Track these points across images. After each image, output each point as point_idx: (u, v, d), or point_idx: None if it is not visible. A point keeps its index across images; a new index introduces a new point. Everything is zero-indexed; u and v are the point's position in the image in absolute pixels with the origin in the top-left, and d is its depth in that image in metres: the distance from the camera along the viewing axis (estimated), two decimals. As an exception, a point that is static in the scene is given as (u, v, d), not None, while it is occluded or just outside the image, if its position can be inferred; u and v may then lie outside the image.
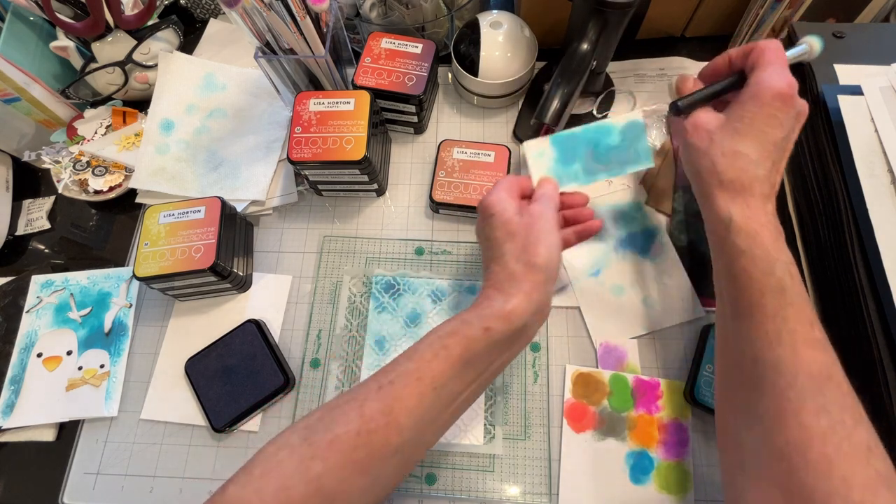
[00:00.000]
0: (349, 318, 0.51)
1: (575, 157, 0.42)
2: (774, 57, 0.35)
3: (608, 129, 0.42)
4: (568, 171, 0.42)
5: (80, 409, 0.48)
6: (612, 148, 0.42)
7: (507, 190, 0.40)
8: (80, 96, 0.61)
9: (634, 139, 0.42)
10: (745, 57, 0.37)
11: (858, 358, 0.38)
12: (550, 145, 0.42)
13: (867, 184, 0.39)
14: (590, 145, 0.42)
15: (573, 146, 0.42)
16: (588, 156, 0.42)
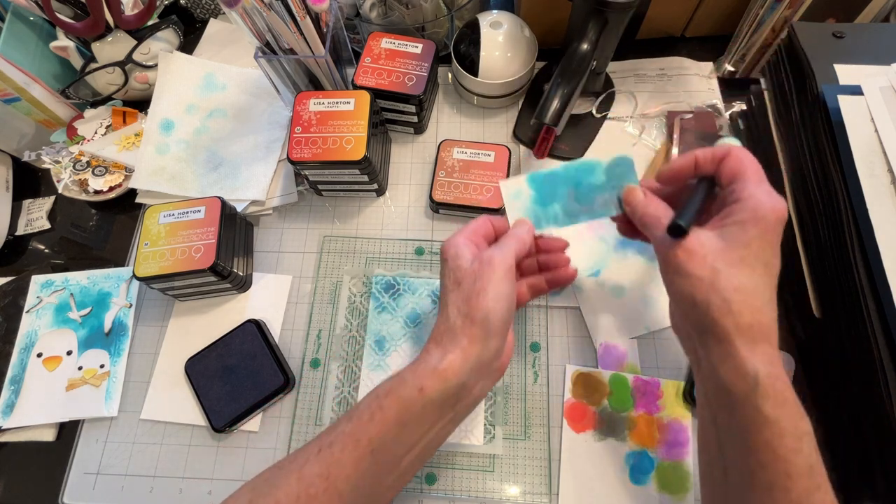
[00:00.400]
0: (349, 318, 0.51)
1: (554, 197, 0.39)
2: (758, 170, 0.33)
3: (591, 168, 0.38)
4: (546, 212, 0.39)
5: (80, 409, 0.48)
6: (596, 188, 0.38)
7: (469, 234, 0.37)
8: (80, 96, 0.61)
9: (621, 177, 0.38)
10: (717, 163, 0.34)
11: (858, 358, 0.38)
12: (528, 184, 0.39)
13: (867, 184, 0.39)
14: (571, 184, 0.38)
15: (553, 186, 0.39)
16: (569, 196, 0.38)
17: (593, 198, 0.38)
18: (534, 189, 0.39)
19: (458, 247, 0.36)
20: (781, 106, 0.50)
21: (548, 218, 0.39)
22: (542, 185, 0.39)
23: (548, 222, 0.39)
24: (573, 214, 0.39)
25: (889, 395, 0.35)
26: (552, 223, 0.39)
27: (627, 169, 0.38)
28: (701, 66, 0.62)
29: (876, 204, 0.39)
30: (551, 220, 0.39)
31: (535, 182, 0.39)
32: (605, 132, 0.59)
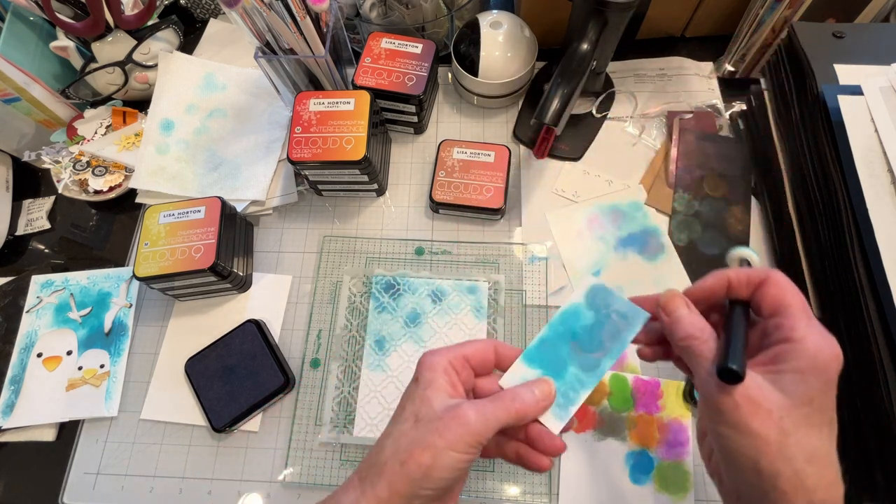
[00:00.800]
0: (349, 318, 0.51)
1: (562, 362, 0.33)
2: (803, 301, 0.27)
3: (574, 312, 0.34)
4: (567, 382, 0.32)
5: (80, 409, 0.48)
6: (593, 326, 0.33)
7: (458, 358, 0.30)
8: (80, 96, 0.61)
9: (607, 303, 0.34)
10: (753, 287, 0.29)
11: (858, 358, 0.38)
12: (527, 366, 0.32)
13: (867, 184, 0.39)
14: (568, 339, 0.33)
15: (552, 351, 0.33)
16: (575, 351, 0.33)
17: (600, 339, 0.33)
18: (538, 366, 0.33)
19: (435, 374, 0.29)
20: (781, 106, 0.50)
21: (573, 387, 0.32)
22: (542, 358, 0.33)
23: (576, 391, 0.32)
24: (593, 367, 0.33)
25: (889, 395, 0.35)
26: (581, 389, 0.32)
27: (604, 293, 0.34)
28: (701, 66, 0.62)
29: (876, 204, 0.39)
30: (577, 386, 0.32)
31: (533, 359, 0.33)
32: (605, 132, 0.59)
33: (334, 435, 0.46)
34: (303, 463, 0.46)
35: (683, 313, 0.30)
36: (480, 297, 0.51)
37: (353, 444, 0.46)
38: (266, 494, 0.45)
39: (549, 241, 0.53)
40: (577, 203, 0.55)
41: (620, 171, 0.56)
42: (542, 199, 0.56)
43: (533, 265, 0.52)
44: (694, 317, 0.29)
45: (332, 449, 0.46)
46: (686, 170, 0.55)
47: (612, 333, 0.33)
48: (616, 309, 0.34)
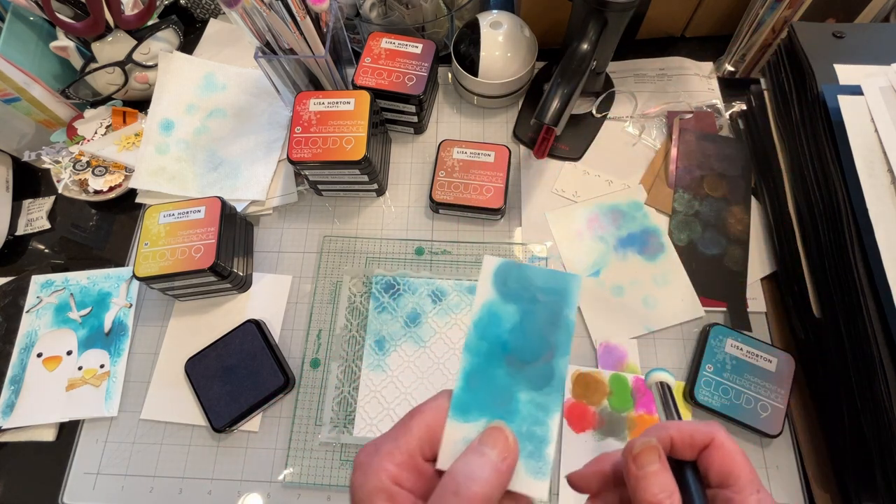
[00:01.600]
0: (349, 318, 0.51)
1: (506, 391, 0.23)
2: (752, 471, 0.24)
3: (490, 315, 0.25)
4: (523, 416, 0.23)
5: (80, 409, 0.48)
6: (522, 322, 0.25)
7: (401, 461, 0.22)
8: (80, 96, 0.61)
9: (525, 283, 0.25)
10: (697, 450, 0.25)
11: (858, 358, 0.38)
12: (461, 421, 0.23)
13: (867, 184, 0.39)
14: (500, 356, 0.24)
15: (487, 384, 0.24)
16: (515, 368, 0.24)
17: (539, 335, 0.25)
18: (477, 414, 0.23)
19: (373, 497, 0.21)
20: (781, 106, 0.50)
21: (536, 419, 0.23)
22: (478, 399, 0.23)
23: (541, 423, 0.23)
24: (547, 378, 0.24)
25: (889, 395, 0.35)
26: (546, 416, 0.23)
27: (518, 272, 0.25)
28: (701, 66, 0.62)
29: (876, 204, 0.39)
30: (540, 415, 0.23)
31: (467, 407, 0.23)
32: (605, 132, 0.59)
33: (334, 435, 0.46)
34: (303, 463, 0.46)
35: (655, 469, 0.24)
36: (480, 297, 0.51)
37: (353, 444, 0.46)
38: (266, 494, 0.45)
39: (549, 240, 0.53)
40: (576, 203, 0.55)
41: (620, 171, 0.56)
42: (541, 198, 0.56)
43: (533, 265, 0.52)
44: (665, 475, 0.24)
45: (332, 449, 0.46)
46: (686, 170, 0.55)
47: (549, 321, 0.25)
48: (540, 286, 0.25)
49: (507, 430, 0.22)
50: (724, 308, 0.49)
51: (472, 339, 0.24)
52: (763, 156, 0.53)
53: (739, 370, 0.45)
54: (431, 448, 0.22)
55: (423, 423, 0.22)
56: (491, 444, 0.21)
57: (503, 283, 0.25)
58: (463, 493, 0.19)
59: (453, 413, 0.23)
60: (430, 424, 0.22)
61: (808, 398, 0.46)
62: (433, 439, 0.22)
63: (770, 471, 0.44)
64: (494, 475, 0.20)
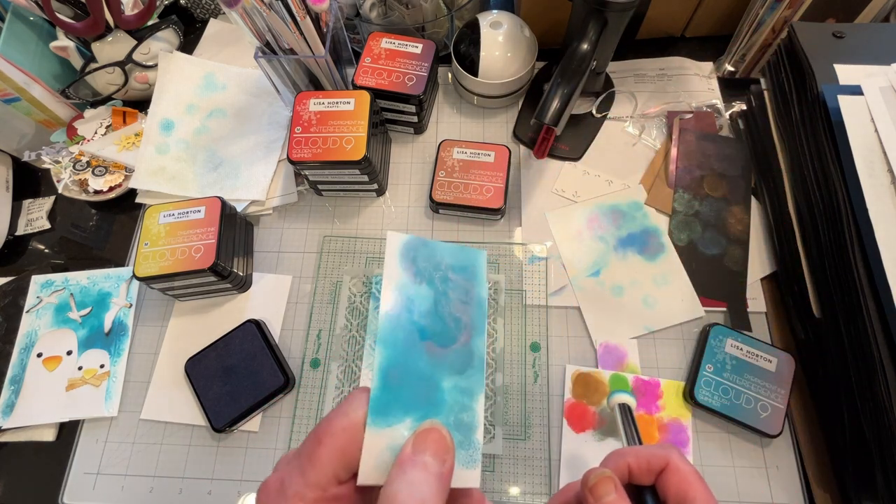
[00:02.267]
0: (349, 318, 0.51)
1: (429, 382, 0.21)
2: (706, 490, 0.24)
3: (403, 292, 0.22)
4: (449, 406, 0.21)
5: (80, 409, 0.48)
6: (437, 304, 0.23)
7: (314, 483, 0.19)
8: (80, 96, 0.61)
9: (433, 261, 0.23)
10: (654, 474, 0.25)
11: (858, 358, 0.38)
12: (383, 427, 0.20)
13: (867, 184, 0.39)
14: (417, 342, 0.22)
15: (407, 377, 0.21)
16: (434, 354, 0.22)
17: (454, 315, 0.23)
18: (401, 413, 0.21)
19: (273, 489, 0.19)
20: (781, 106, 0.50)
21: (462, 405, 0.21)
22: (401, 396, 0.21)
23: (467, 408, 0.21)
24: (467, 360, 0.22)
25: (889, 395, 0.35)
26: (471, 400, 0.22)
27: (426, 249, 0.23)
28: (701, 66, 0.62)
29: (876, 204, 0.39)
30: (466, 400, 0.22)
31: (389, 407, 0.20)
32: (605, 132, 0.59)
33: (334, 435, 0.46)
34: (303, 463, 0.46)
35: (611, 499, 0.23)
36: (480, 297, 0.51)
37: (353, 444, 0.46)
38: (266, 494, 0.45)
39: (549, 240, 0.53)
40: (576, 203, 0.55)
41: (620, 171, 0.56)
42: (541, 198, 0.56)
43: (533, 265, 0.52)
44: (620, 498, 0.23)
45: (332, 449, 0.46)
46: (686, 170, 0.55)
47: (462, 300, 0.23)
48: (450, 264, 0.23)
49: (442, 429, 0.20)
50: (724, 308, 0.49)
51: (384, 327, 0.22)
52: (763, 156, 0.53)
53: (739, 370, 0.45)
54: (347, 470, 0.19)
55: (333, 449, 0.19)
56: (430, 451, 0.19)
57: (412, 261, 0.23)
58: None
59: (373, 419, 0.20)
60: (343, 446, 0.19)
61: (808, 398, 0.46)
62: (349, 460, 0.19)
63: (770, 471, 0.44)
64: (440, 485, 0.18)
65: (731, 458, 0.45)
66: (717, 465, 0.44)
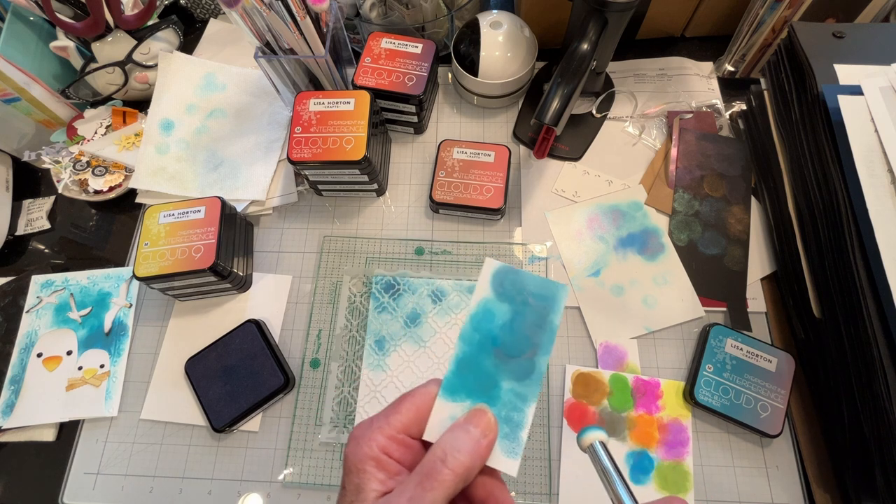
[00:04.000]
0: (349, 318, 0.51)
1: (490, 379, 0.26)
2: None
3: (486, 311, 0.27)
4: (504, 402, 0.26)
5: (80, 409, 0.48)
6: (513, 321, 0.27)
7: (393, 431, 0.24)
8: (80, 96, 0.61)
9: (518, 287, 0.27)
10: None
11: (858, 358, 0.38)
12: (449, 400, 0.26)
13: (867, 184, 0.39)
14: (489, 347, 0.27)
15: (475, 370, 0.26)
16: (501, 360, 0.26)
17: (525, 334, 0.27)
18: (464, 395, 0.26)
19: (363, 479, 0.23)
20: (781, 106, 0.50)
21: (514, 406, 0.26)
22: (466, 382, 0.26)
23: (519, 409, 0.26)
24: (528, 372, 0.26)
25: (889, 395, 0.35)
26: (524, 405, 0.26)
27: (514, 276, 0.27)
28: (701, 66, 0.62)
29: (876, 204, 0.39)
30: (519, 404, 0.26)
31: (455, 389, 0.26)
32: (605, 132, 0.59)
33: (334, 435, 0.46)
34: (303, 463, 0.46)
35: None
36: (480, 297, 0.51)
37: (353, 444, 0.46)
38: (266, 494, 0.45)
39: (549, 240, 0.53)
40: (576, 203, 0.55)
41: (620, 171, 0.56)
42: (541, 199, 0.56)
43: (533, 265, 0.52)
44: None
45: (332, 449, 0.46)
46: (686, 170, 0.55)
47: (536, 322, 0.27)
48: (532, 291, 0.27)
49: (489, 412, 0.25)
50: (724, 308, 0.49)
51: (466, 329, 0.27)
52: (763, 156, 0.53)
53: (739, 370, 0.45)
54: (418, 427, 0.25)
55: (412, 405, 0.25)
56: (475, 423, 0.24)
57: (500, 284, 0.28)
58: (449, 462, 0.22)
59: (443, 392, 0.26)
60: (419, 406, 0.25)
61: (808, 398, 0.46)
62: (420, 419, 0.25)
63: (770, 471, 0.44)
64: (476, 449, 0.23)
65: (731, 458, 0.45)
66: (717, 465, 0.44)
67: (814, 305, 0.44)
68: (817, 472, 0.43)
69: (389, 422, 0.24)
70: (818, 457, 0.44)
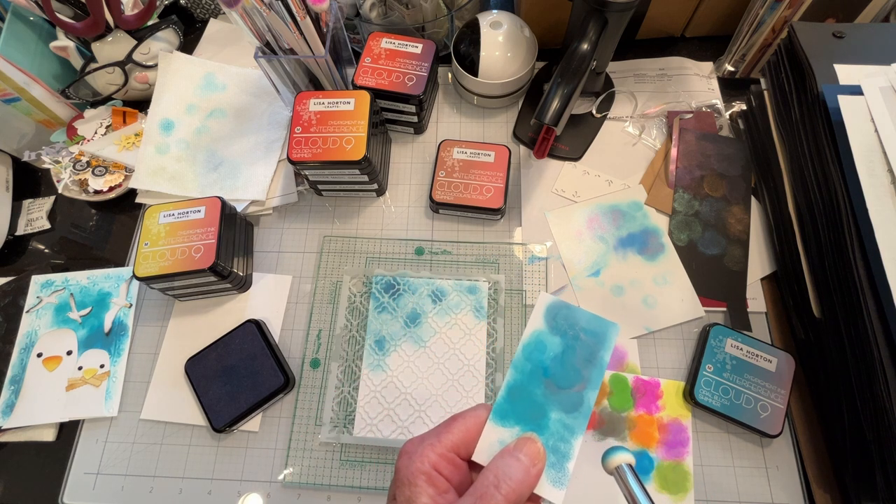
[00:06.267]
0: (349, 318, 0.51)
1: (540, 409, 0.27)
2: None
3: (538, 342, 0.28)
4: (552, 433, 0.26)
5: (80, 409, 0.48)
6: (564, 354, 0.28)
7: (444, 450, 0.25)
8: (80, 96, 0.61)
9: (571, 322, 0.28)
10: None
11: (858, 358, 0.38)
12: (499, 425, 0.26)
13: (867, 184, 0.39)
14: (540, 377, 0.28)
15: (525, 399, 0.27)
16: (552, 391, 0.27)
17: (576, 367, 0.28)
18: (513, 422, 0.26)
19: (415, 491, 0.24)
20: (781, 106, 0.50)
21: (562, 437, 0.26)
22: (516, 409, 0.27)
23: (566, 441, 0.26)
24: (576, 405, 0.27)
25: (889, 395, 0.35)
26: (571, 437, 0.26)
27: (567, 311, 0.29)
28: (701, 66, 0.62)
29: (876, 204, 0.39)
30: (567, 435, 0.26)
31: (506, 414, 0.27)
32: (605, 132, 0.59)
33: (334, 435, 0.46)
34: (303, 463, 0.46)
35: None
36: (480, 297, 0.51)
37: (353, 444, 0.46)
38: (266, 494, 0.45)
39: (549, 240, 0.53)
40: (576, 203, 0.55)
41: (620, 171, 0.56)
42: (541, 198, 0.56)
43: (533, 265, 0.52)
44: None
45: (332, 449, 0.46)
46: (686, 170, 0.55)
47: (587, 357, 0.28)
48: (583, 327, 0.28)
49: (538, 442, 0.26)
50: (724, 308, 0.49)
51: (519, 358, 0.28)
52: (763, 156, 0.53)
53: (739, 370, 0.45)
54: (466, 448, 0.26)
55: (463, 426, 0.26)
56: (525, 452, 0.25)
57: (553, 317, 0.29)
58: (501, 487, 0.23)
59: (493, 417, 0.26)
60: (469, 428, 0.26)
61: (808, 398, 0.46)
62: (469, 441, 0.26)
63: (770, 471, 0.44)
64: (526, 477, 0.24)
65: (731, 458, 0.45)
66: (717, 465, 0.44)
67: (814, 305, 0.44)
68: (817, 472, 0.43)
69: (441, 440, 0.25)
70: (818, 457, 0.44)
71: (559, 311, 0.29)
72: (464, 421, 0.26)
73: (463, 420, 0.26)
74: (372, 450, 0.46)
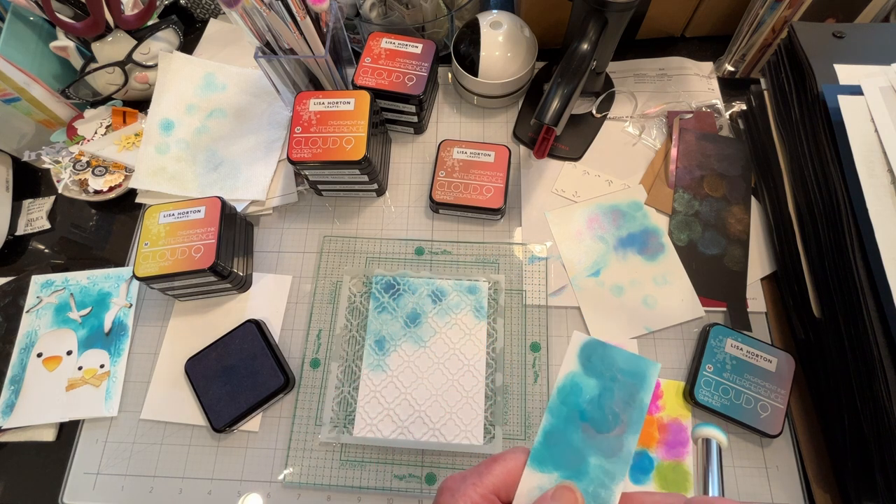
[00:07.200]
0: (349, 318, 0.51)
1: (578, 454, 0.26)
2: None
3: (573, 385, 0.27)
4: (591, 479, 0.26)
5: (80, 409, 0.48)
6: (601, 396, 0.27)
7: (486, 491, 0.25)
8: (80, 96, 0.61)
9: (608, 362, 0.27)
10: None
11: (858, 358, 0.38)
12: (537, 471, 0.26)
13: (867, 184, 0.39)
14: (577, 421, 0.27)
15: (563, 444, 0.27)
16: (590, 435, 0.27)
17: (614, 410, 0.27)
18: (552, 468, 0.26)
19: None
20: (781, 106, 0.50)
21: (602, 483, 0.26)
22: (554, 455, 0.26)
23: (606, 487, 0.25)
24: (616, 450, 0.26)
25: (889, 395, 0.35)
26: (611, 483, 0.25)
27: (603, 351, 0.27)
28: (701, 66, 0.62)
29: (876, 204, 0.39)
30: (606, 481, 0.26)
31: (544, 460, 0.26)
32: (605, 132, 0.59)
33: (334, 435, 0.46)
34: (303, 463, 0.46)
35: None
36: (480, 297, 0.51)
37: (353, 444, 0.46)
38: (266, 494, 0.45)
39: (549, 240, 0.53)
40: (576, 203, 0.55)
41: (620, 171, 0.56)
42: (541, 198, 0.56)
43: (533, 265, 0.52)
44: None
45: (332, 449, 0.46)
46: (686, 170, 0.55)
47: (626, 399, 0.27)
48: (620, 367, 0.27)
49: (576, 491, 0.25)
50: (724, 308, 0.49)
51: (554, 402, 0.27)
52: (763, 156, 0.53)
53: (739, 370, 0.45)
54: (506, 491, 0.26)
55: (503, 468, 0.26)
56: (564, 500, 0.24)
57: (587, 358, 0.28)
58: None
59: (531, 462, 0.26)
60: (509, 471, 0.26)
61: (808, 398, 0.46)
62: (509, 484, 0.26)
63: (770, 471, 0.44)
64: None
65: (731, 458, 0.45)
66: (717, 465, 0.44)
67: (814, 305, 0.44)
68: (817, 472, 0.43)
69: (483, 480, 0.25)
70: (818, 457, 0.44)
71: (594, 351, 0.28)
72: (504, 463, 0.26)
73: (503, 462, 0.26)
74: (372, 450, 0.46)
